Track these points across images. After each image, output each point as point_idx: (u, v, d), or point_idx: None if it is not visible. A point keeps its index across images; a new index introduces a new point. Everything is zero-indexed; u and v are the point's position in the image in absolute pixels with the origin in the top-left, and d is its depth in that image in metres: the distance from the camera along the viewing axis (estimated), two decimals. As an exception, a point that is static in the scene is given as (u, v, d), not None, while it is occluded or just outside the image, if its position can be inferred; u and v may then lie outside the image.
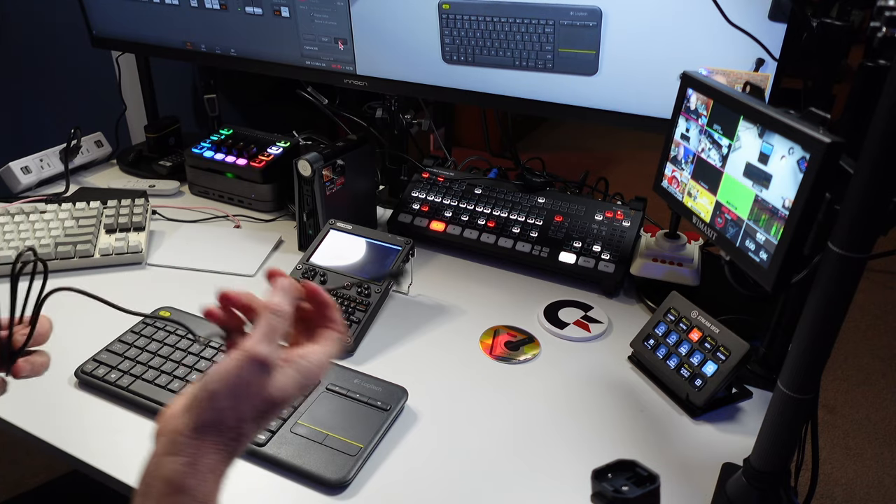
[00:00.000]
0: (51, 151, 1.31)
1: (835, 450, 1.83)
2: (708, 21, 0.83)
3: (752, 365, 0.82)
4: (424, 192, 1.14)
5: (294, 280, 0.54)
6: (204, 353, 0.82)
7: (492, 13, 0.97)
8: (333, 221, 0.98)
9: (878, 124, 0.46)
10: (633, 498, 0.53)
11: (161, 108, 1.49)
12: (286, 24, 1.13)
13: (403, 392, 0.77)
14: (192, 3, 1.20)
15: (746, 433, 0.75)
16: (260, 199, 1.22)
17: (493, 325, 0.93)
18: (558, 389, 0.82)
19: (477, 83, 1.04)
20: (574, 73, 0.96)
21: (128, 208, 1.12)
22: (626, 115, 0.95)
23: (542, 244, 1.04)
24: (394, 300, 0.98)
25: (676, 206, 0.78)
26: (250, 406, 0.47)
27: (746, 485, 0.63)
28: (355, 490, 0.67)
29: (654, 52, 0.90)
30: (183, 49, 1.28)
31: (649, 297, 0.98)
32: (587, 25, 0.92)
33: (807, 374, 0.56)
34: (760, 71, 0.84)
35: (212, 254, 1.09)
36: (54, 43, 1.64)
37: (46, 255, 1.02)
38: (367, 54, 1.10)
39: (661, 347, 0.82)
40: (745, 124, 0.64)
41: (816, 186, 0.54)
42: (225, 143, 1.26)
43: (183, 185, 1.32)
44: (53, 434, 0.73)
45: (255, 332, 0.49)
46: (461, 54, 1.03)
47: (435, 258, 1.10)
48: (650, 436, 0.76)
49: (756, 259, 0.63)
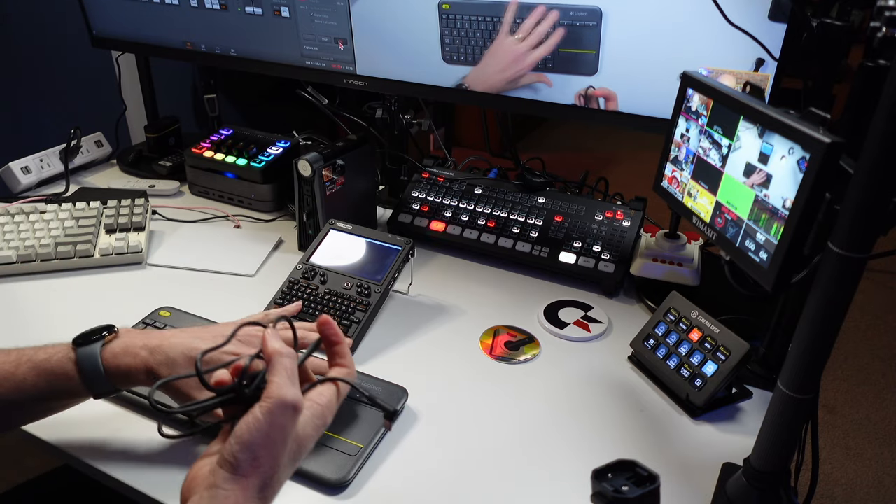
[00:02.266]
0: (51, 151, 1.31)
1: (835, 450, 1.83)
2: (708, 21, 0.83)
3: (752, 365, 0.82)
4: (424, 192, 1.14)
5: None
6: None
7: (492, 13, 0.97)
8: (333, 221, 0.98)
9: (878, 124, 0.46)
10: (633, 498, 0.53)
11: (161, 108, 1.49)
12: (286, 24, 1.13)
13: (403, 392, 0.77)
14: (192, 3, 1.20)
15: (746, 433, 0.75)
16: (260, 199, 1.22)
17: (493, 325, 0.93)
18: (558, 389, 0.82)
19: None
20: (574, 73, 0.96)
21: (128, 208, 1.12)
22: (626, 115, 0.95)
23: (542, 244, 1.04)
24: (394, 300, 0.98)
25: (676, 206, 0.78)
26: (285, 449, 0.50)
27: (746, 485, 0.63)
28: (355, 490, 0.67)
29: (654, 53, 0.90)
30: (183, 49, 1.28)
31: (649, 297, 0.98)
32: (587, 25, 0.92)
33: (807, 374, 0.56)
34: (760, 71, 0.84)
35: (212, 254, 1.09)
36: (54, 43, 1.64)
37: (46, 255, 1.02)
38: (367, 54, 1.10)
39: (661, 347, 0.82)
40: (745, 124, 0.64)
41: (816, 186, 0.54)
42: (225, 143, 1.26)
43: (183, 185, 1.32)
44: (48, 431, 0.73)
45: (276, 378, 0.51)
46: (461, 54, 1.03)
47: (435, 258, 1.10)
48: (650, 436, 0.76)
49: (756, 259, 0.63)
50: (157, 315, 0.89)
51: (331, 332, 0.60)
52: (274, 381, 0.51)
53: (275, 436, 0.49)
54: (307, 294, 0.90)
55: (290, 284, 0.92)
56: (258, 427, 0.48)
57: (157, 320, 0.87)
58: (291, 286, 0.92)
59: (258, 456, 0.48)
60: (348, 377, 0.59)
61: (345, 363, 0.60)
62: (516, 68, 0.97)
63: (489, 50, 0.98)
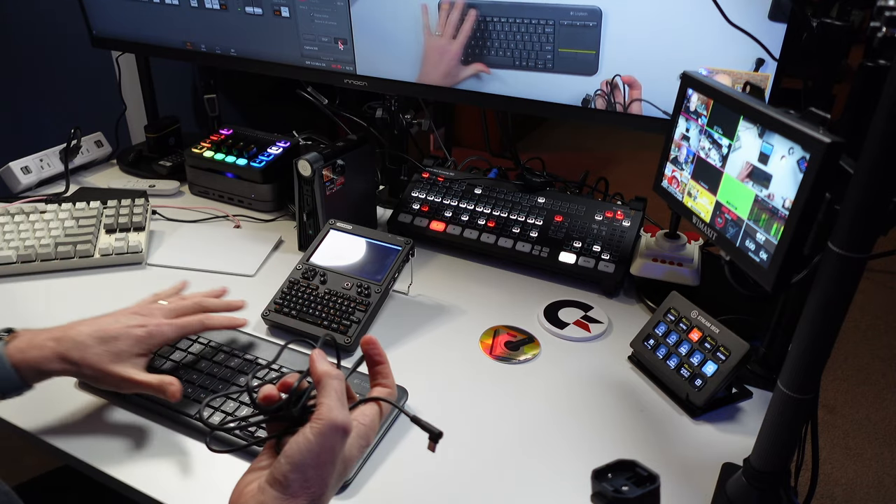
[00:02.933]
0: (51, 151, 1.31)
1: (835, 450, 1.83)
2: (708, 21, 0.83)
3: (752, 365, 0.82)
4: (424, 192, 1.14)
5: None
6: (204, 353, 0.82)
7: (492, 13, 0.97)
8: (333, 221, 0.98)
9: (878, 124, 0.46)
10: (633, 498, 0.53)
11: (161, 108, 1.49)
12: (286, 24, 1.13)
13: (403, 392, 0.77)
14: (192, 3, 1.20)
15: (746, 433, 0.75)
16: (260, 199, 1.22)
17: (493, 325, 0.93)
18: (558, 389, 0.82)
19: (477, 83, 1.04)
20: (574, 73, 0.96)
21: (128, 208, 1.12)
22: (626, 115, 0.95)
23: (542, 244, 1.04)
24: (394, 300, 0.98)
25: (676, 206, 0.78)
26: (333, 470, 0.51)
27: (746, 485, 0.63)
28: (355, 490, 0.67)
29: (654, 53, 0.90)
30: (183, 49, 1.28)
31: (649, 297, 0.98)
32: (587, 25, 0.92)
33: (807, 374, 0.56)
34: (760, 71, 0.84)
35: (212, 254, 1.09)
36: (54, 43, 1.64)
37: (46, 255, 1.02)
38: (367, 54, 1.10)
39: (661, 347, 0.82)
40: (745, 124, 0.64)
41: (816, 186, 0.54)
42: (225, 143, 1.26)
43: (183, 185, 1.32)
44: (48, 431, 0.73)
45: (326, 399, 0.52)
46: (461, 54, 1.02)
47: (435, 258, 1.10)
48: (650, 436, 0.76)
49: (756, 259, 0.63)
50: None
51: (374, 351, 0.61)
52: (324, 402, 0.52)
53: (325, 457, 0.50)
54: (307, 294, 0.90)
55: (290, 284, 0.92)
56: (309, 448, 0.49)
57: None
58: (291, 286, 0.92)
59: (308, 477, 0.49)
60: (390, 397, 0.60)
61: (387, 383, 0.61)
62: (447, 61, 1.01)
63: (422, 54, 1.03)
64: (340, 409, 0.52)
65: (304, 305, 0.89)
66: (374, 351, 0.61)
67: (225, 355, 0.81)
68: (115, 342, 0.69)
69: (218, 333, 0.85)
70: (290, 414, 0.54)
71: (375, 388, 0.61)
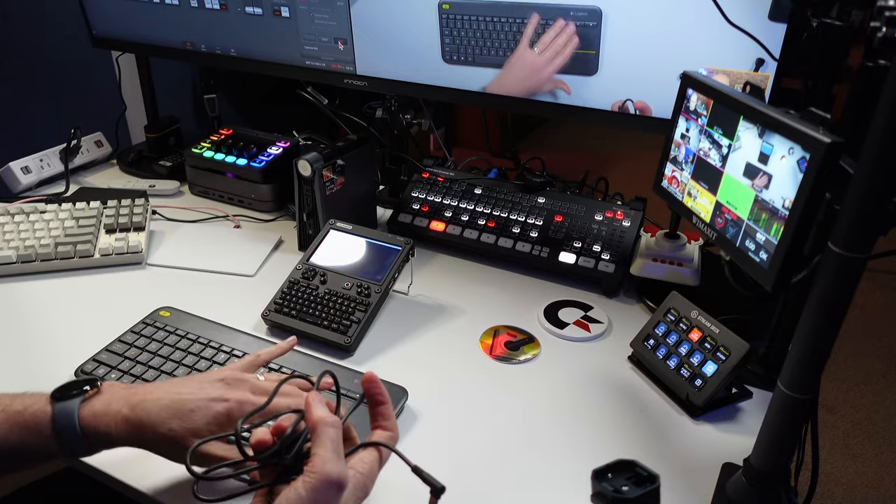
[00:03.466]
0: (51, 151, 1.31)
1: (835, 450, 1.83)
2: (708, 21, 0.83)
3: (752, 365, 0.82)
4: (424, 192, 1.14)
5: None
6: (203, 354, 0.82)
7: (492, 13, 0.97)
8: (333, 221, 0.98)
9: (878, 124, 0.46)
10: (633, 498, 0.53)
11: (161, 108, 1.49)
12: (286, 24, 1.13)
13: (403, 392, 0.77)
14: (192, 3, 1.20)
15: (746, 433, 0.75)
16: (260, 199, 1.22)
17: (493, 325, 0.93)
18: (558, 389, 0.82)
19: (477, 83, 1.04)
20: (574, 73, 0.96)
21: (128, 208, 1.12)
22: (626, 115, 0.95)
23: (542, 244, 1.04)
24: (394, 300, 0.98)
25: (676, 206, 0.78)
26: None
27: (746, 485, 0.63)
28: (355, 490, 0.67)
29: (654, 53, 0.90)
30: (183, 49, 1.28)
31: (649, 297, 0.98)
32: (587, 25, 0.92)
33: (807, 374, 0.56)
34: (760, 71, 0.84)
35: (212, 254, 1.09)
36: (54, 43, 1.64)
37: (46, 255, 1.02)
38: (367, 54, 1.10)
39: (661, 347, 0.82)
40: (745, 124, 0.64)
41: (816, 186, 0.54)
42: (225, 143, 1.26)
43: (183, 185, 1.32)
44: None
45: (320, 450, 0.49)
46: (461, 54, 1.03)
47: (435, 258, 1.10)
48: (650, 436, 0.76)
49: (756, 259, 0.63)
50: (157, 315, 0.89)
51: (376, 390, 0.57)
52: (318, 453, 0.49)
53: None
54: (307, 294, 0.90)
55: (290, 284, 0.92)
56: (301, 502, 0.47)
57: (156, 320, 0.87)
58: (291, 286, 0.92)
59: None
60: (391, 441, 0.56)
61: (388, 426, 0.57)
62: (536, 79, 0.99)
63: (509, 61, 0.99)
64: (336, 461, 0.49)
65: (304, 305, 0.89)
66: (375, 390, 0.57)
67: (226, 356, 0.81)
68: (190, 416, 0.59)
69: (218, 333, 0.85)
70: (284, 461, 0.51)
71: (376, 432, 0.57)
